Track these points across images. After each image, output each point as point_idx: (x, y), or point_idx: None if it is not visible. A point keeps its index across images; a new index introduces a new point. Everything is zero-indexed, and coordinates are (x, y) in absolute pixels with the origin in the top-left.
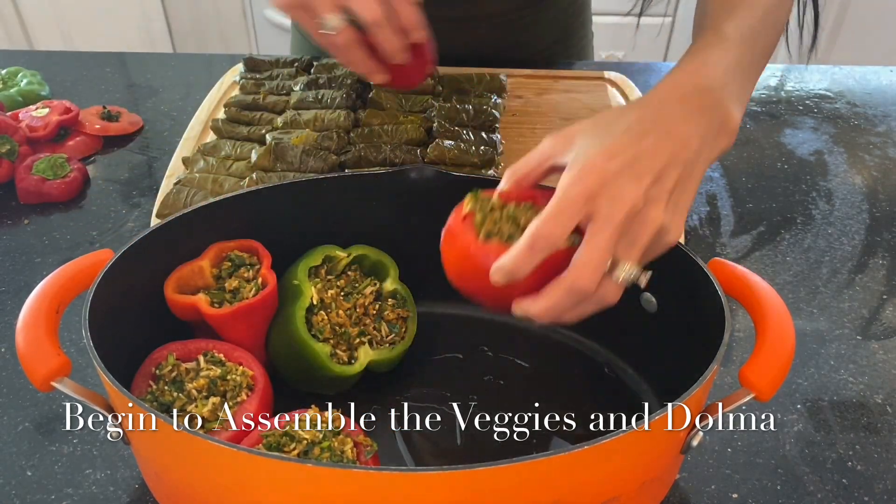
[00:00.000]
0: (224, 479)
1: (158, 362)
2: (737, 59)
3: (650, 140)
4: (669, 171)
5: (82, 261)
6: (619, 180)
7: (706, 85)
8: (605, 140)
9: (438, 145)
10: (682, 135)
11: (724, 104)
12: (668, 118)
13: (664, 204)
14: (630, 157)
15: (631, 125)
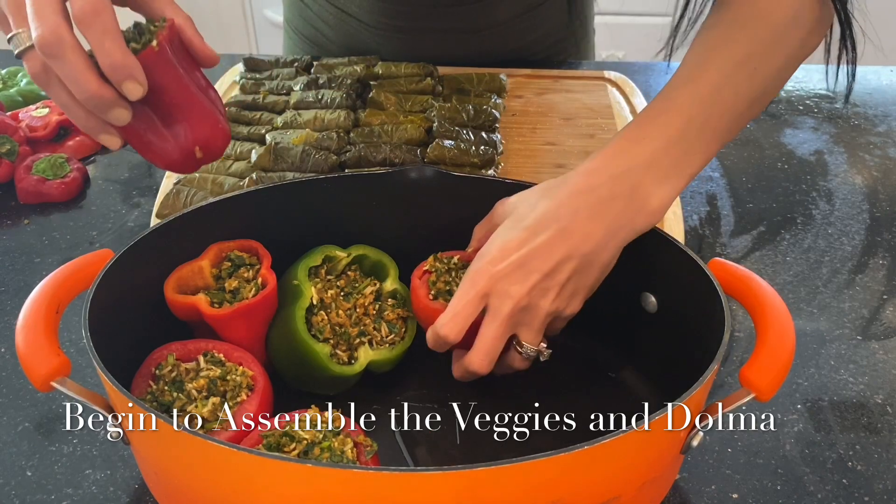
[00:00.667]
0: (224, 479)
1: (158, 362)
2: (680, 128)
3: (544, 238)
4: (563, 266)
5: (82, 261)
6: (506, 280)
7: (624, 170)
8: (508, 235)
9: (438, 145)
10: (583, 231)
11: (641, 190)
12: (570, 214)
13: (554, 295)
14: (521, 257)
15: (536, 220)
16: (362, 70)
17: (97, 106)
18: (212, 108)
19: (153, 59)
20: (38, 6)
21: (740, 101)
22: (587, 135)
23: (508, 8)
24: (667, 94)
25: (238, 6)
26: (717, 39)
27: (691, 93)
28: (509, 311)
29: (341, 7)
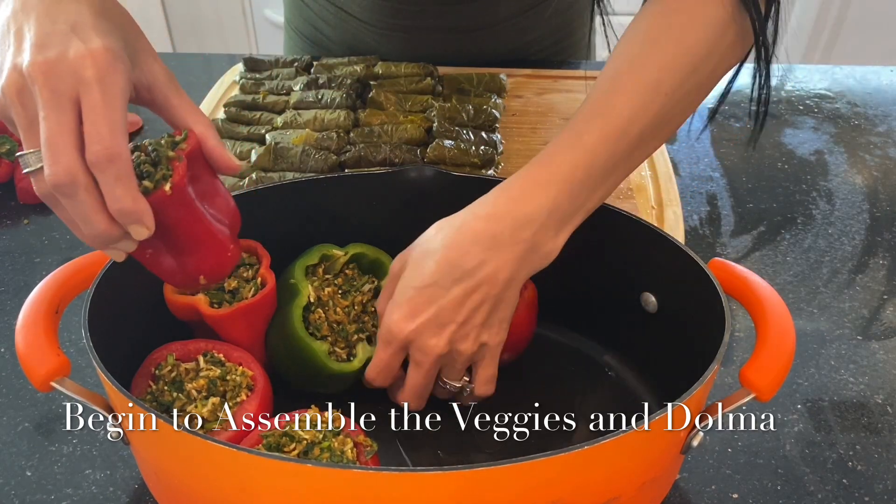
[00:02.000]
0: (224, 479)
1: (158, 362)
2: (587, 169)
3: (454, 293)
4: (476, 311)
5: (82, 261)
6: (422, 336)
7: (525, 217)
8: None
9: (438, 145)
10: (488, 277)
11: (541, 235)
12: (477, 264)
13: (473, 338)
14: (433, 314)
15: (440, 273)
16: (362, 70)
17: (102, 241)
18: (222, 237)
19: (165, 201)
20: (54, 141)
21: (651, 129)
22: None
23: (508, 7)
24: (575, 128)
25: (238, 6)
26: (629, 64)
27: (599, 129)
28: (431, 362)
29: (341, 6)
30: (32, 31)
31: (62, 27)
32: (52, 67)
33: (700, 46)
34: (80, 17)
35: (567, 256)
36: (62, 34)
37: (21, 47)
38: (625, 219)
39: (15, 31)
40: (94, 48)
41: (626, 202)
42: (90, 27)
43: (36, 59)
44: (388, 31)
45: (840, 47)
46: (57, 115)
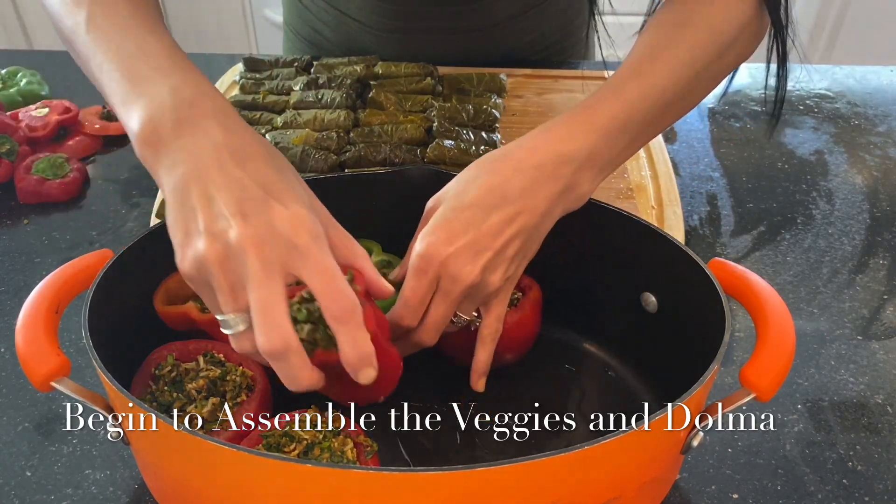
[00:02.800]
0: (224, 480)
1: (158, 363)
2: (624, 122)
3: (495, 217)
4: (512, 241)
5: (82, 261)
6: (457, 262)
7: (567, 154)
8: (453, 214)
9: (438, 145)
10: (529, 205)
11: (579, 176)
12: (518, 190)
13: (503, 269)
14: (471, 239)
15: (481, 197)
16: (362, 70)
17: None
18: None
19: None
20: (269, 312)
21: (679, 101)
22: None
23: (507, 7)
24: (615, 84)
25: (238, 6)
26: (666, 39)
27: (639, 88)
28: (460, 291)
29: (340, 8)
30: (224, 197)
31: (255, 192)
32: (262, 239)
33: (727, 34)
34: (265, 177)
35: (567, 256)
36: (258, 200)
37: (214, 214)
38: (625, 219)
39: (199, 195)
40: (297, 212)
41: (626, 202)
42: (279, 185)
43: (244, 231)
44: (387, 33)
45: (840, 47)
46: (270, 284)
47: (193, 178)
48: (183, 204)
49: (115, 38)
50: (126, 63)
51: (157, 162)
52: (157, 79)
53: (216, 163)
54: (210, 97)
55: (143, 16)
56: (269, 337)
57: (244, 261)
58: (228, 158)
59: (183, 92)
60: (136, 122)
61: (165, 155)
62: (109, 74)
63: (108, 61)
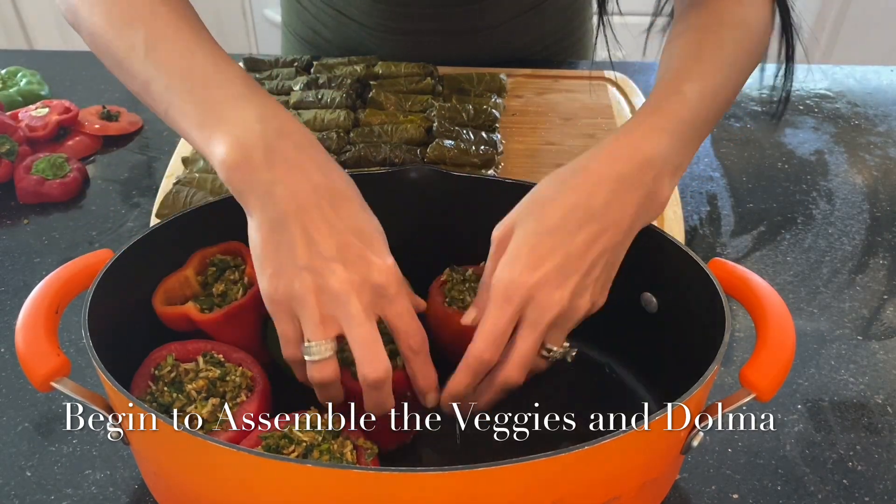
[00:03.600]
0: (224, 480)
1: (157, 363)
2: (690, 123)
3: (581, 237)
4: (599, 261)
5: (82, 261)
6: (545, 289)
7: (647, 158)
8: (536, 239)
9: (438, 145)
10: (615, 220)
11: (659, 181)
12: (603, 206)
13: (590, 293)
14: (558, 262)
15: (565, 217)
16: (362, 70)
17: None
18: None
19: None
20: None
21: (727, 102)
22: (587, 135)
23: (507, 8)
24: (675, 87)
25: (238, 6)
26: (711, 40)
27: (699, 89)
28: (550, 320)
29: (339, 9)
30: (324, 238)
31: (351, 239)
32: (362, 286)
33: (759, 33)
34: (358, 223)
35: None
36: (357, 249)
37: (315, 254)
38: None
39: (299, 234)
40: (389, 264)
41: None
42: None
43: (346, 277)
44: (387, 34)
45: (840, 47)
46: (370, 325)
47: (293, 217)
48: (280, 237)
49: (182, 61)
50: (200, 86)
51: (248, 191)
52: (239, 104)
53: (315, 204)
54: (297, 127)
55: (206, 38)
56: (374, 367)
57: (344, 303)
58: (327, 203)
59: (270, 120)
60: (222, 147)
61: (258, 185)
62: (181, 97)
63: (178, 84)
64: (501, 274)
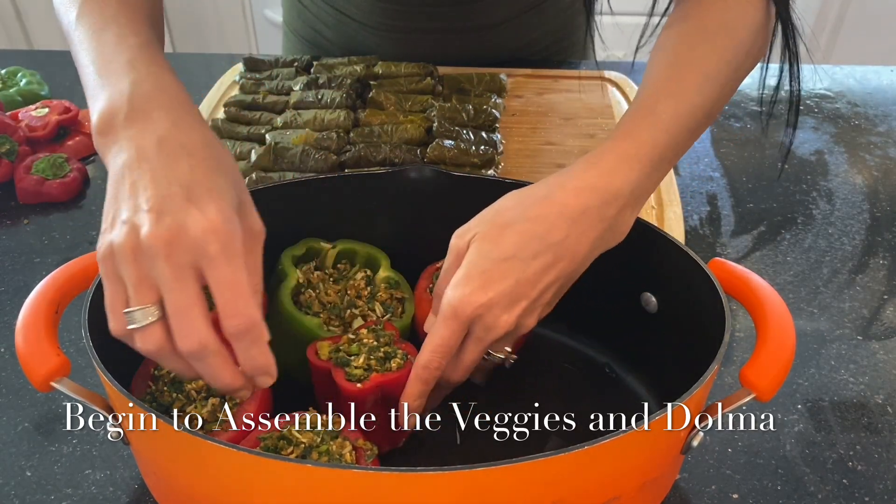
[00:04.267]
0: (224, 480)
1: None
2: (662, 147)
3: (535, 266)
4: (550, 287)
5: (82, 261)
6: (493, 311)
7: (614, 194)
8: (489, 264)
9: (438, 145)
10: (571, 251)
11: (622, 213)
12: (561, 240)
13: (538, 313)
14: (508, 287)
15: (520, 246)
16: (362, 70)
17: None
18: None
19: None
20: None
21: (707, 116)
22: (587, 135)
23: (507, 7)
24: (647, 106)
25: (238, 6)
26: (689, 52)
27: (672, 108)
28: (494, 338)
29: (340, 9)
30: (148, 191)
31: (176, 190)
32: (173, 241)
33: (746, 40)
34: (193, 177)
35: None
36: (178, 199)
37: (136, 205)
38: None
39: (130, 183)
40: (213, 219)
41: None
42: (205, 190)
43: (156, 230)
44: (387, 33)
45: (840, 47)
46: (183, 287)
47: (129, 168)
48: (117, 191)
49: (96, 34)
50: (101, 58)
51: (107, 150)
52: (123, 71)
53: (154, 155)
54: (168, 91)
55: (129, 12)
56: (186, 341)
57: (155, 260)
58: (167, 154)
59: (143, 85)
60: (96, 113)
61: (114, 143)
62: (85, 69)
63: (86, 56)
64: (453, 292)
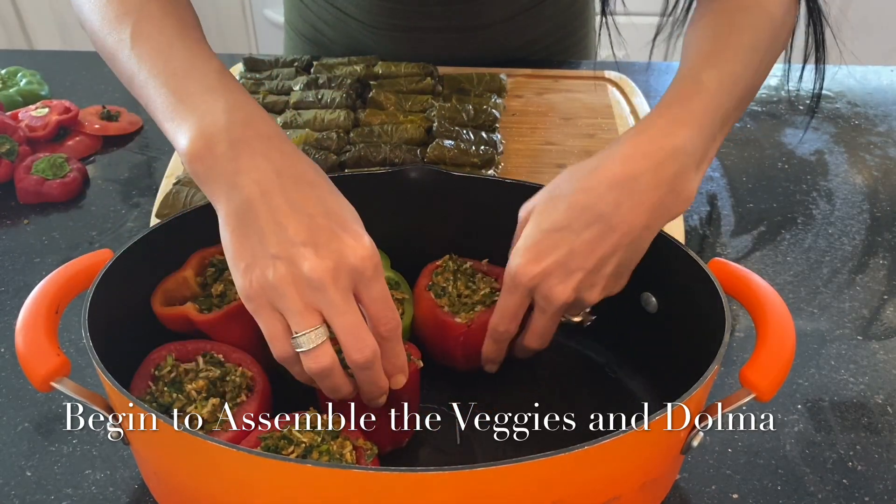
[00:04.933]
0: (224, 480)
1: (157, 363)
2: (710, 112)
3: (586, 236)
4: (607, 260)
5: (82, 261)
6: (548, 281)
7: (666, 155)
8: (541, 235)
9: (438, 145)
10: (626, 220)
11: (682, 175)
12: (612, 208)
13: (601, 288)
14: (560, 258)
15: (571, 217)
16: (362, 70)
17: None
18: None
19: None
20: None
21: (749, 89)
22: (587, 135)
23: (508, 7)
24: (693, 76)
25: (238, 6)
26: (728, 25)
27: (718, 78)
28: (556, 309)
29: (341, 7)
30: (292, 223)
31: (322, 221)
32: (338, 271)
33: (779, 16)
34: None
35: None
36: (327, 230)
37: (284, 240)
38: None
39: (267, 220)
40: (364, 244)
41: None
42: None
43: (319, 261)
44: (388, 32)
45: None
46: (351, 309)
47: (259, 203)
48: (248, 227)
49: (162, 55)
50: (174, 79)
51: (212, 180)
52: (208, 97)
53: (280, 188)
54: (263, 119)
55: (190, 34)
56: (363, 353)
57: (322, 289)
58: (292, 185)
59: (236, 112)
60: (186, 137)
61: (222, 175)
62: (156, 90)
63: (154, 77)
64: (511, 262)
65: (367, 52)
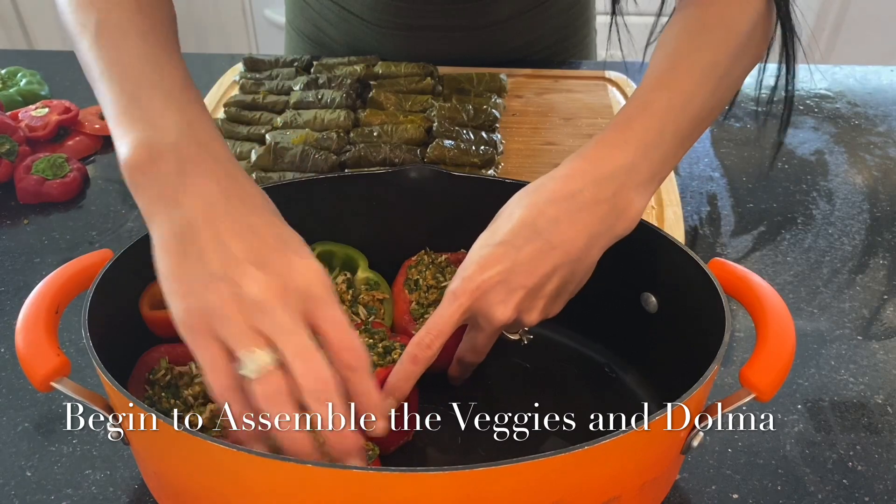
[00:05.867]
0: (224, 480)
1: (151, 367)
2: (656, 133)
3: (526, 253)
4: (549, 278)
5: (82, 261)
6: (488, 298)
7: (607, 175)
8: (484, 251)
9: (438, 145)
10: (565, 238)
11: (623, 195)
12: (551, 224)
13: (541, 307)
14: (502, 272)
15: (514, 232)
16: (362, 70)
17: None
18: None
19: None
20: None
21: (706, 108)
22: (587, 135)
23: (509, 7)
24: (641, 97)
25: (238, 6)
26: (687, 45)
27: (666, 98)
28: (497, 327)
29: (343, 6)
30: (237, 242)
31: (270, 241)
32: (287, 291)
33: (744, 34)
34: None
35: None
36: (275, 251)
37: (228, 258)
38: None
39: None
40: (312, 264)
41: None
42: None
43: (266, 280)
44: (390, 31)
45: (840, 47)
46: (299, 331)
47: (203, 222)
48: (188, 247)
49: (122, 52)
50: (129, 81)
51: (152, 197)
52: (162, 106)
53: (225, 211)
54: (216, 140)
55: (160, 34)
56: (316, 377)
57: (268, 311)
58: (239, 207)
59: (189, 129)
60: (128, 145)
61: (164, 192)
62: (109, 87)
63: (108, 74)
64: (452, 280)
65: (369, 51)
